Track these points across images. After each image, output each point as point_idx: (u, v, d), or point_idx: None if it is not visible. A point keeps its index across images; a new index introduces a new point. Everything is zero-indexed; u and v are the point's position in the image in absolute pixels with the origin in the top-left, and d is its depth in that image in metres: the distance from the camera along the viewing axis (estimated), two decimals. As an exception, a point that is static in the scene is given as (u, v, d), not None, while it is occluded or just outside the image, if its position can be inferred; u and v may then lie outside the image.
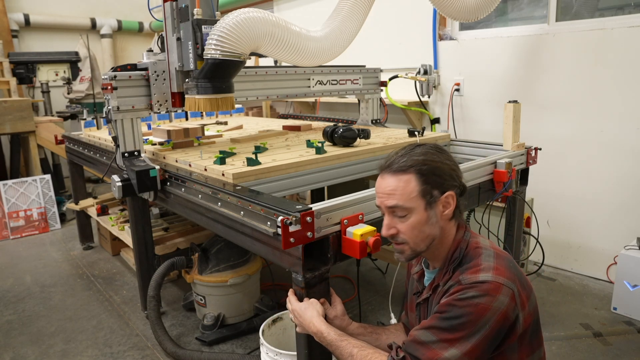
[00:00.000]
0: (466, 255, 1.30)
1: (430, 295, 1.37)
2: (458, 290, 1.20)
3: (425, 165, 1.28)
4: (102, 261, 3.87)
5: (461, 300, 1.17)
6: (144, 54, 2.47)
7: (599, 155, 3.13)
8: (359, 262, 1.69)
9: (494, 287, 1.17)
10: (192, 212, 2.18)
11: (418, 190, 1.27)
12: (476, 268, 1.23)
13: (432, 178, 1.28)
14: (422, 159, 1.28)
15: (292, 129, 3.33)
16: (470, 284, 1.19)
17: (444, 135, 2.92)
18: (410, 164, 1.28)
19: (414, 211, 1.28)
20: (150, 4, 3.00)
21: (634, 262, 2.72)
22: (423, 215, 1.28)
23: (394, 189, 1.28)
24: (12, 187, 4.52)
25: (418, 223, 1.28)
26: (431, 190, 1.27)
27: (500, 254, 1.29)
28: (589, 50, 3.08)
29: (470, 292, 1.17)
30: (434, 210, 1.29)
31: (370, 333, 1.62)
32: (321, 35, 2.53)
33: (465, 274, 1.23)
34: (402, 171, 1.28)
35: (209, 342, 2.60)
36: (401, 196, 1.27)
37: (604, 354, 2.43)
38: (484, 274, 1.19)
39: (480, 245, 1.32)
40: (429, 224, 1.29)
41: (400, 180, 1.28)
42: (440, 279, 1.33)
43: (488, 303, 1.15)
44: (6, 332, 2.82)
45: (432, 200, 1.28)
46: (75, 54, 5.78)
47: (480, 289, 1.17)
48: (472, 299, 1.16)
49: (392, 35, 4.32)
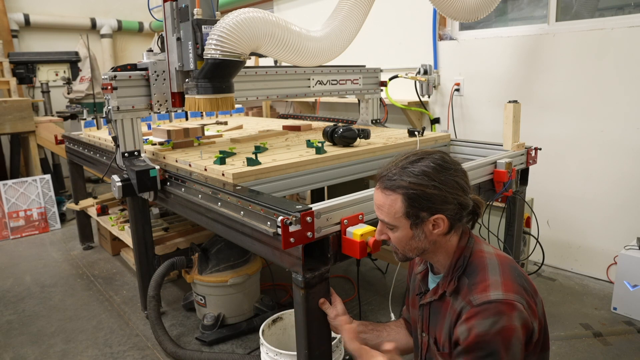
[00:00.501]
0: (470, 263, 1.29)
1: (435, 300, 1.36)
2: (472, 315, 1.17)
3: (414, 190, 1.23)
4: (102, 261, 3.87)
5: (485, 334, 1.14)
6: (144, 54, 2.46)
7: (599, 155, 3.13)
8: (359, 262, 1.69)
9: (507, 306, 1.16)
10: (192, 212, 2.18)
11: (403, 212, 1.26)
12: (484, 284, 1.21)
13: (420, 202, 1.24)
14: (412, 182, 1.23)
15: (292, 129, 3.33)
16: (482, 304, 1.17)
17: (444, 135, 2.92)
18: (399, 185, 1.24)
19: (399, 228, 1.29)
20: (150, 4, 3.00)
21: (634, 262, 2.72)
22: (408, 232, 1.29)
23: (381, 205, 1.30)
24: (12, 187, 4.52)
25: (404, 237, 1.30)
26: (417, 212, 1.25)
27: (504, 261, 1.28)
28: (589, 50, 3.08)
29: (487, 319, 1.15)
30: (421, 229, 1.28)
31: (372, 330, 1.63)
32: (321, 35, 2.53)
33: (474, 292, 1.21)
34: (390, 190, 1.26)
35: (209, 342, 2.60)
36: (387, 214, 1.29)
37: (604, 354, 2.43)
38: (494, 292, 1.18)
39: (484, 251, 1.31)
40: (415, 240, 1.30)
41: (387, 199, 1.28)
42: (446, 286, 1.31)
43: (509, 323, 1.14)
44: (6, 332, 2.82)
45: (418, 221, 1.26)
46: (75, 54, 5.77)
47: (495, 312, 1.15)
48: (494, 326, 1.14)
49: (392, 35, 4.32)
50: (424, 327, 1.42)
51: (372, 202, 1.43)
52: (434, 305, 1.38)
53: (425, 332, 1.42)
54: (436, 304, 1.36)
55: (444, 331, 1.31)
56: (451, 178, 1.26)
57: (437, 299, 1.35)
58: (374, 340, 1.62)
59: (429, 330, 1.40)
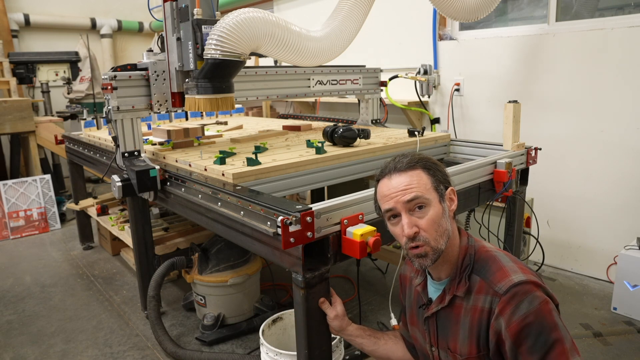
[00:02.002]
0: (478, 260, 1.28)
1: (443, 308, 1.32)
2: (504, 305, 1.15)
3: (428, 161, 1.32)
4: (102, 261, 3.87)
5: (526, 316, 1.13)
6: (144, 54, 2.46)
7: (599, 155, 3.13)
8: (359, 262, 1.69)
9: (532, 285, 1.16)
10: (192, 212, 2.18)
11: (430, 182, 1.29)
12: (502, 271, 1.21)
13: (437, 173, 1.31)
14: (423, 156, 1.34)
15: (292, 129, 3.33)
16: (509, 289, 1.16)
17: (444, 135, 2.92)
18: (417, 161, 1.31)
19: (432, 203, 1.27)
20: (150, 4, 3.00)
21: (634, 262, 2.72)
22: (439, 207, 1.28)
23: (409, 183, 1.27)
24: (12, 187, 4.52)
25: (437, 216, 1.26)
26: (438, 184, 1.30)
27: (508, 253, 1.30)
28: (589, 50, 3.08)
29: (521, 303, 1.14)
30: (445, 204, 1.30)
31: (369, 336, 1.62)
32: (321, 35, 2.53)
33: (496, 282, 1.20)
34: (411, 167, 1.30)
35: (209, 342, 2.60)
36: (418, 187, 1.26)
37: (604, 354, 2.43)
38: (516, 276, 1.18)
39: (487, 247, 1.32)
40: (445, 218, 1.28)
41: (412, 176, 1.28)
42: (455, 289, 1.29)
43: (542, 297, 1.15)
44: (6, 332, 2.82)
45: (442, 193, 1.30)
46: (75, 54, 5.77)
47: (524, 292, 1.15)
48: (531, 306, 1.13)
49: (392, 35, 4.32)
50: (433, 341, 1.38)
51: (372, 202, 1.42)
52: (441, 314, 1.34)
53: (434, 346, 1.38)
54: (445, 311, 1.32)
55: (460, 337, 1.27)
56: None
57: (446, 306, 1.31)
58: (371, 346, 1.61)
59: (438, 342, 1.36)
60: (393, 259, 2.96)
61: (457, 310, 1.28)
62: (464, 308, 1.26)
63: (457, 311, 1.28)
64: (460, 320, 1.27)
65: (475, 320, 1.23)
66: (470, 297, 1.25)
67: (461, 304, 1.27)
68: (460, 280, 1.28)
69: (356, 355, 2.31)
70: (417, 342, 1.48)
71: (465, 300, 1.26)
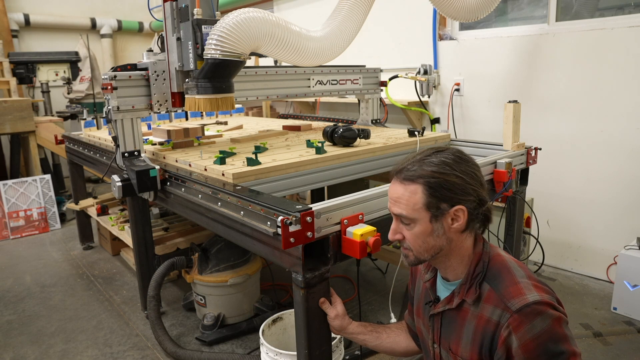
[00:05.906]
0: (491, 268, 1.26)
1: (449, 309, 1.31)
2: (518, 323, 1.14)
3: (435, 178, 1.21)
4: (102, 261, 3.87)
5: (540, 335, 1.12)
6: (144, 54, 2.46)
7: (599, 155, 3.13)
8: (359, 262, 1.69)
9: (546, 305, 1.15)
10: (192, 212, 2.18)
11: (423, 202, 1.22)
12: (517, 287, 1.18)
13: (441, 191, 1.21)
14: (432, 170, 1.22)
15: (292, 129, 3.33)
16: (522, 308, 1.14)
17: (444, 135, 2.92)
18: (419, 175, 1.22)
19: (418, 222, 1.24)
20: (150, 4, 3.00)
21: (634, 262, 2.72)
22: (427, 226, 1.24)
23: (400, 197, 1.25)
24: (12, 187, 4.52)
25: (422, 234, 1.24)
26: (438, 203, 1.22)
27: (522, 264, 1.28)
28: (589, 50, 3.08)
29: (535, 321, 1.13)
30: (440, 223, 1.23)
31: (371, 332, 1.62)
32: (321, 35, 2.53)
33: (509, 297, 1.17)
34: (410, 181, 1.23)
35: (209, 342, 2.60)
36: (406, 206, 1.24)
37: (603, 354, 2.43)
38: (531, 295, 1.16)
39: (502, 255, 1.29)
40: (434, 236, 1.25)
41: (406, 190, 1.24)
42: (464, 294, 1.27)
43: (555, 316, 1.14)
44: (6, 332, 2.82)
45: (438, 213, 1.22)
46: (75, 54, 5.78)
47: (538, 312, 1.13)
48: (544, 324, 1.12)
49: (392, 35, 4.32)
50: (435, 338, 1.38)
51: (373, 202, 1.42)
52: (447, 314, 1.33)
53: (436, 343, 1.37)
54: (450, 313, 1.31)
55: (462, 340, 1.27)
56: (470, 169, 1.25)
57: (453, 308, 1.30)
58: (373, 341, 1.61)
59: (440, 341, 1.36)
60: (393, 259, 2.97)
61: (463, 314, 1.27)
62: (470, 313, 1.25)
63: (463, 315, 1.27)
64: (465, 324, 1.26)
65: (480, 328, 1.22)
66: (479, 304, 1.23)
67: (468, 308, 1.26)
68: (471, 286, 1.26)
69: (356, 355, 2.31)
70: (421, 334, 1.48)
71: (473, 306, 1.25)
